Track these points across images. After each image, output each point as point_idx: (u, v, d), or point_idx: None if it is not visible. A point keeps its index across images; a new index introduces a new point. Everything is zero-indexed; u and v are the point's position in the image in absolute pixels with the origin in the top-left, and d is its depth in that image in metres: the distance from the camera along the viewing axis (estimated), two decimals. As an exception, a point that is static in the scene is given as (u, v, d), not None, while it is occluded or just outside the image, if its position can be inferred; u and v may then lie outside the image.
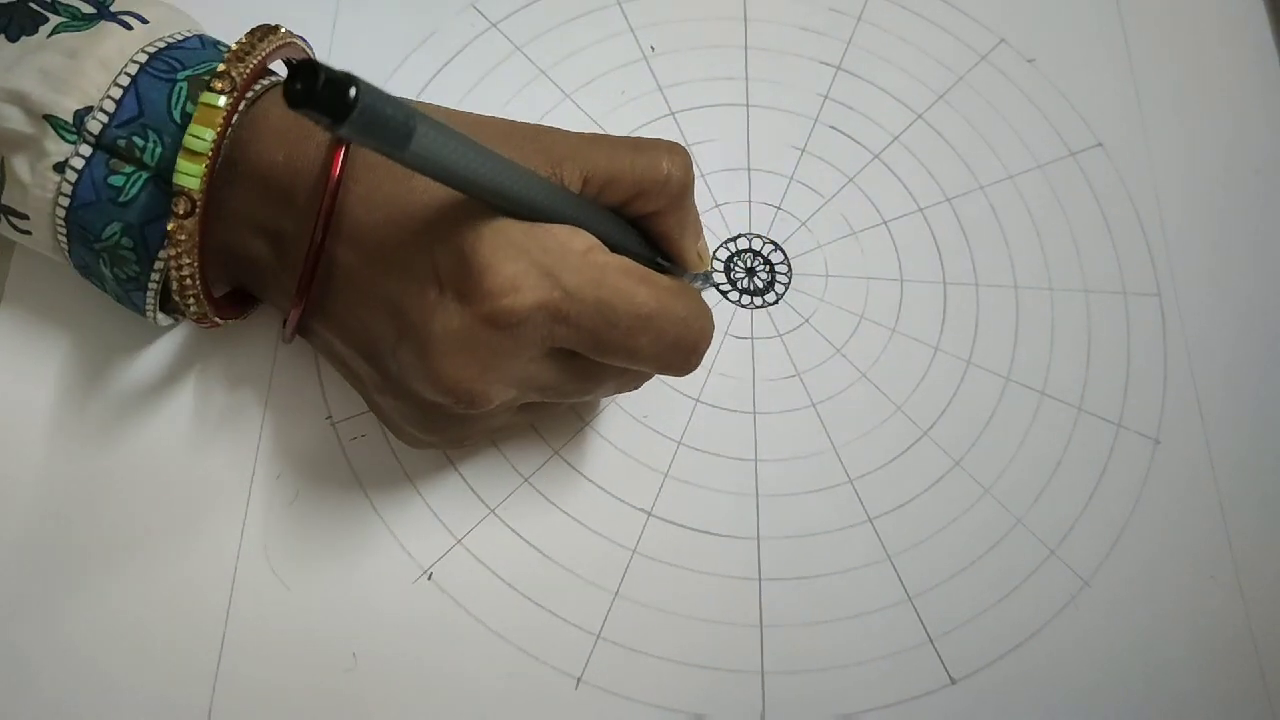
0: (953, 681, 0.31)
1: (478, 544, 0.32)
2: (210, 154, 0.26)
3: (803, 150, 0.39)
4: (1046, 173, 0.39)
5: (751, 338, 0.36)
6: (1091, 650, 0.32)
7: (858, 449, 0.34)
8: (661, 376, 0.33)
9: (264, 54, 0.27)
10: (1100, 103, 0.40)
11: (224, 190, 0.28)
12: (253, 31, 0.28)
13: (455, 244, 0.25)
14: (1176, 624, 0.33)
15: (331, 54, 0.38)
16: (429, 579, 0.31)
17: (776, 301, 0.36)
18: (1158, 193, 0.39)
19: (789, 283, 0.37)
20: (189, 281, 0.28)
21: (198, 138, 0.26)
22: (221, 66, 0.26)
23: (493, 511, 0.32)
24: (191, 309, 0.28)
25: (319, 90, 0.18)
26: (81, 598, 0.30)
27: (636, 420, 0.34)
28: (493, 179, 0.24)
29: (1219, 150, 0.40)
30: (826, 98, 0.40)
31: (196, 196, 0.26)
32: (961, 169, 0.39)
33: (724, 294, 0.36)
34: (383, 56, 0.38)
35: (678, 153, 0.28)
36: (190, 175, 0.26)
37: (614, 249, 0.28)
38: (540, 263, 0.25)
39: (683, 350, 0.27)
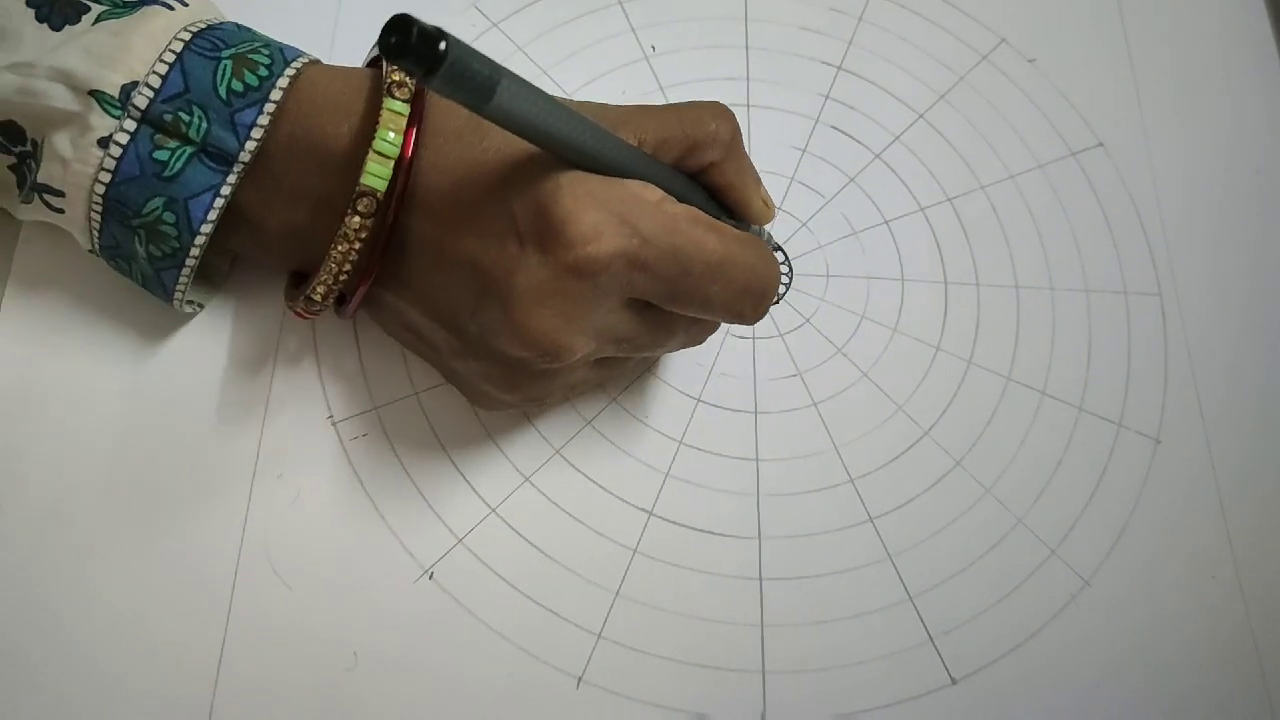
0: (953, 681, 0.32)
1: (479, 543, 0.32)
2: (398, 156, 0.27)
3: (803, 150, 0.39)
4: (1047, 173, 0.39)
5: (753, 337, 0.36)
6: (1092, 650, 0.32)
7: (859, 449, 0.34)
8: (712, 333, 0.32)
9: None
10: (1101, 103, 0.40)
11: (288, 166, 0.28)
12: None
13: (533, 196, 0.26)
14: (1176, 624, 0.33)
15: (333, 53, 0.38)
16: (430, 578, 0.31)
17: (778, 301, 0.36)
18: (1158, 193, 0.39)
19: (790, 282, 0.37)
20: (346, 276, 0.28)
21: (387, 141, 0.27)
22: (397, 76, 0.28)
23: (494, 511, 0.32)
24: (318, 302, 0.29)
25: (413, 43, 0.19)
26: (82, 597, 0.30)
27: (637, 420, 0.34)
28: (569, 132, 0.25)
29: (1219, 150, 0.40)
30: (827, 98, 0.40)
31: (380, 197, 0.27)
32: (962, 169, 0.39)
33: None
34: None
35: (721, 109, 0.30)
36: (378, 177, 0.27)
37: (683, 202, 0.28)
38: (618, 212, 0.26)
39: (752, 296, 0.28)
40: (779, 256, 0.37)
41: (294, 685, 0.30)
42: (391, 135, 0.27)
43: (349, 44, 0.38)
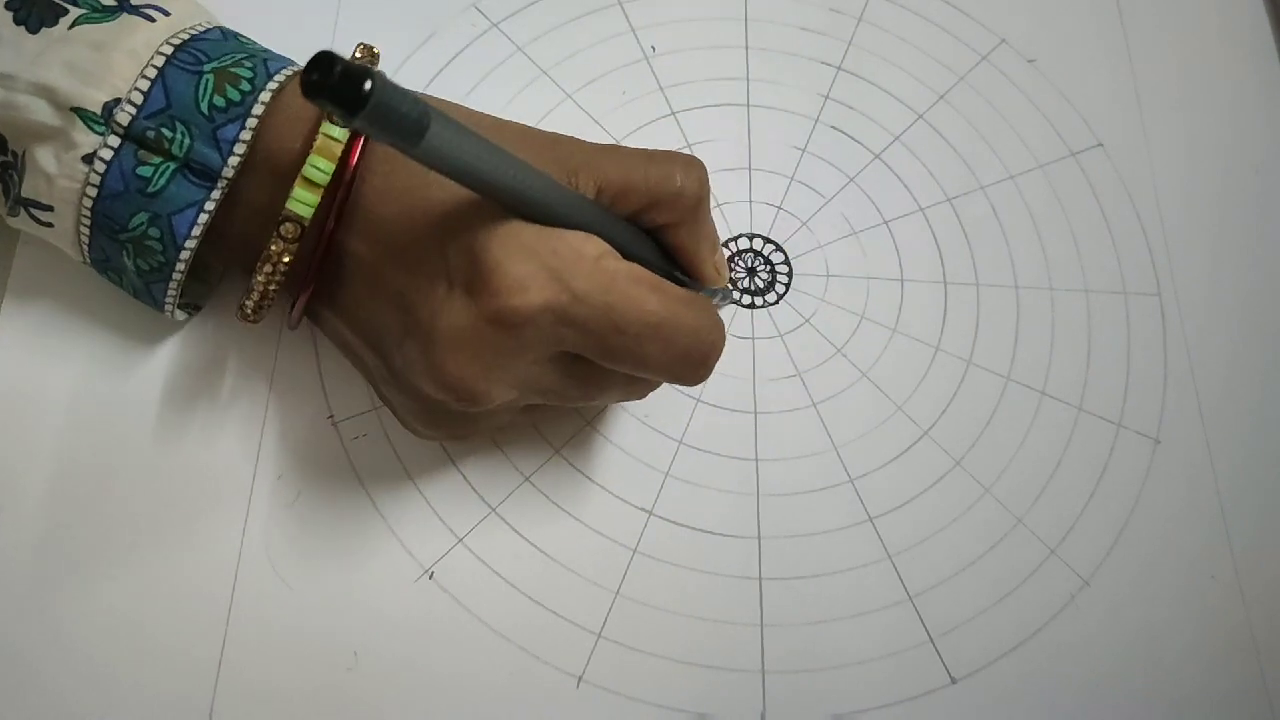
0: (953, 681, 0.32)
1: (479, 543, 0.32)
2: (327, 185, 0.27)
3: (803, 150, 0.39)
4: (1047, 173, 0.39)
5: (752, 337, 0.36)
6: (1092, 650, 0.32)
7: (858, 449, 0.34)
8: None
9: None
10: (1100, 103, 0.40)
11: (245, 179, 0.28)
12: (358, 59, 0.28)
13: (467, 241, 0.25)
14: (1176, 624, 0.33)
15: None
16: (430, 578, 0.31)
17: (777, 301, 0.36)
18: (1158, 193, 0.39)
19: (790, 283, 0.37)
20: (273, 293, 0.28)
21: (316, 169, 0.27)
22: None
23: (494, 511, 0.32)
24: (249, 314, 0.29)
25: (334, 82, 0.18)
26: (83, 597, 0.30)
27: (638, 420, 0.34)
28: (507, 180, 0.24)
29: (1219, 150, 0.40)
30: (827, 98, 0.40)
31: (306, 223, 0.27)
32: (962, 169, 0.39)
33: (743, 307, 0.36)
34: (384, 56, 0.38)
35: (693, 166, 0.28)
36: (305, 204, 0.27)
37: (629, 259, 0.27)
38: (550, 265, 0.25)
39: (692, 362, 0.27)
40: (728, 299, 0.36)
41: (294, 685, 0.30)
42: (321, 164, 0.27)
43: (350, 44, 0.38)
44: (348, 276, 0.28)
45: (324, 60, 0.18)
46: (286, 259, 0.27)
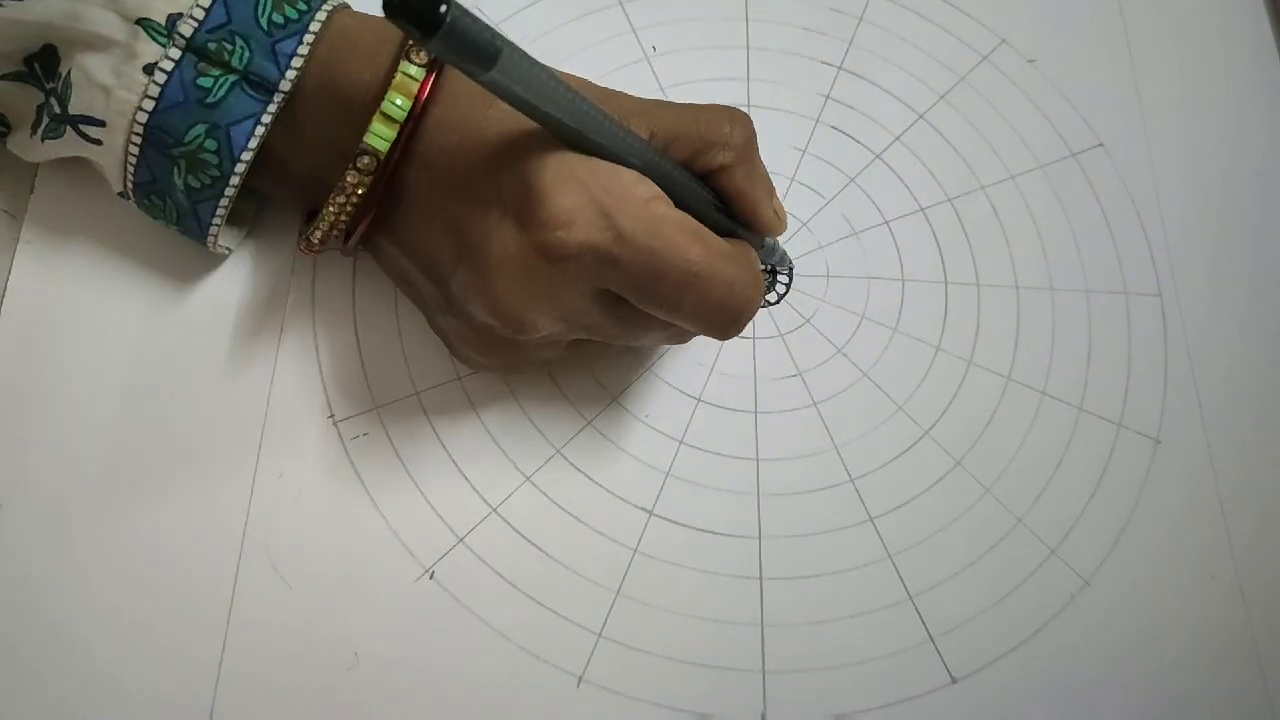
0: (954, 680, 0.32)
1: (479, 543, 0.32)
2: (404, 121, 0.27)
3: (804, 151, 0.39)
4: (1048, 173, 0.39)
5: (753, 337, 0.36)
6: (1092, 650, 0.32)
7: (859, 448, 0.34)
8: (695, 343, 0.33)
9: None
10: (1101, 103, 0.40)
11: (308, 108, 0.29)
12: None
13: (521, 171, 0.26)
14: (1176, 624, 0.33)
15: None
16: (431, 578, 0.31)
17: (778, 301, 0.36)
18: (1158, 193, 0.39)
19: (790, 282, 0.37)
20: (340, 227, 0.29)
21: (395, 105, 0.27)
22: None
23: (494, 510, 0.32)
24: (316, 244, 0.29)
25: (414, 2, 0.20)
26: (83, 597, 0.30)
27: (638, 419, 0.34)
28: (570, 113, 0.25)
29: (1219, 150, 0.40)
30: (828, 98, 0.40)
31: (382, 156, 0.27)
32: (963, 169, 0.39)
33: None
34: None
35: (738, 114, 0.29)
36: (381, 138, 0.27)
37: (682, 207, 0.28)
38: (599, 201, 0.25)
39: (726, 315, 0.27)
40: (783, 271, 0.36)
41: (295, 684, 0.30)
42: (399, 100, 0.27)
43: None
44: (406, 205, 0.29)
45: None
46: (361, 191, 0.28)
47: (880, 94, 0.40)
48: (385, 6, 0.20)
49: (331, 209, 0.28)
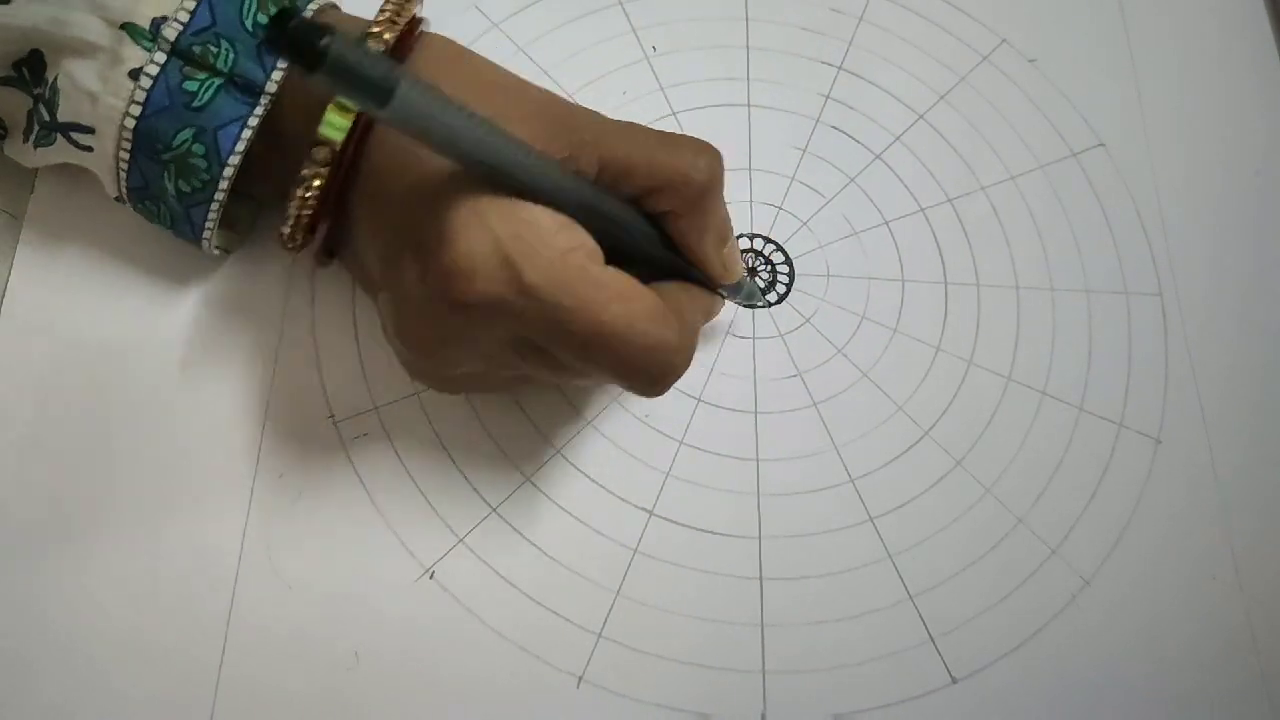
0: (954, 681, 0.32)
1: (480, 543, 0.32)
2: (358, 112, 0.27)
3: (804, 150, 0.39)
4: (1048, 173, 0.39)
5: (753, 337, 0.36)
6: (1092, 650, 0.32)
7: (859, 448, 0.34)
8: None
9: (409, 18, 0.28)
10: (1101, 103, 0.40)
11: (285, 111, 0.29)
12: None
13: (433, 208, 0.25)
14: (1177, 624, 0.33)
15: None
16: (431, 578, 0.31)
17: (778, 301, 0.36)
18: (1159, 193, 0.39)
19: (790, 283, 0.37)
20: (305, 222, 0.28)
21: None
22: (376, 28, 0.27)
23: (494, 510, 0.32)
24: (285, 241, 0.29)
25: (291, 36, 0.18)
26: (83, 598, 0.30)
27: (638, 419, 0.34)
28: (484, 152, 0.23)
29: (1219, 150, 0.40)
30: (828, 98, 0.40)
31: (338, 148, 0.27)
32: (963, 169, 0.39)
33: (743, 306, 0.36)
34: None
35: (705, 152, 0.27)
36: (336, 129, 0.27)
37: (625, 247, 0.27)
38: (506, 250, 0.24)
39: (644, 377, 0.26)
40: (752, 304, 0.36)
41: (295, 685, 0.30)
42: None
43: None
44: (354, 227, 0.29)
45: (286, 13, 0.18)
46: (317, 182, 0.27)
47: (880, 94, 0.40)
48: (265, 38, 0.18)
49: (293, 204, 0.28)
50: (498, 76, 0.29)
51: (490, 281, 0.24)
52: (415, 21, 0.29)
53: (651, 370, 0.26)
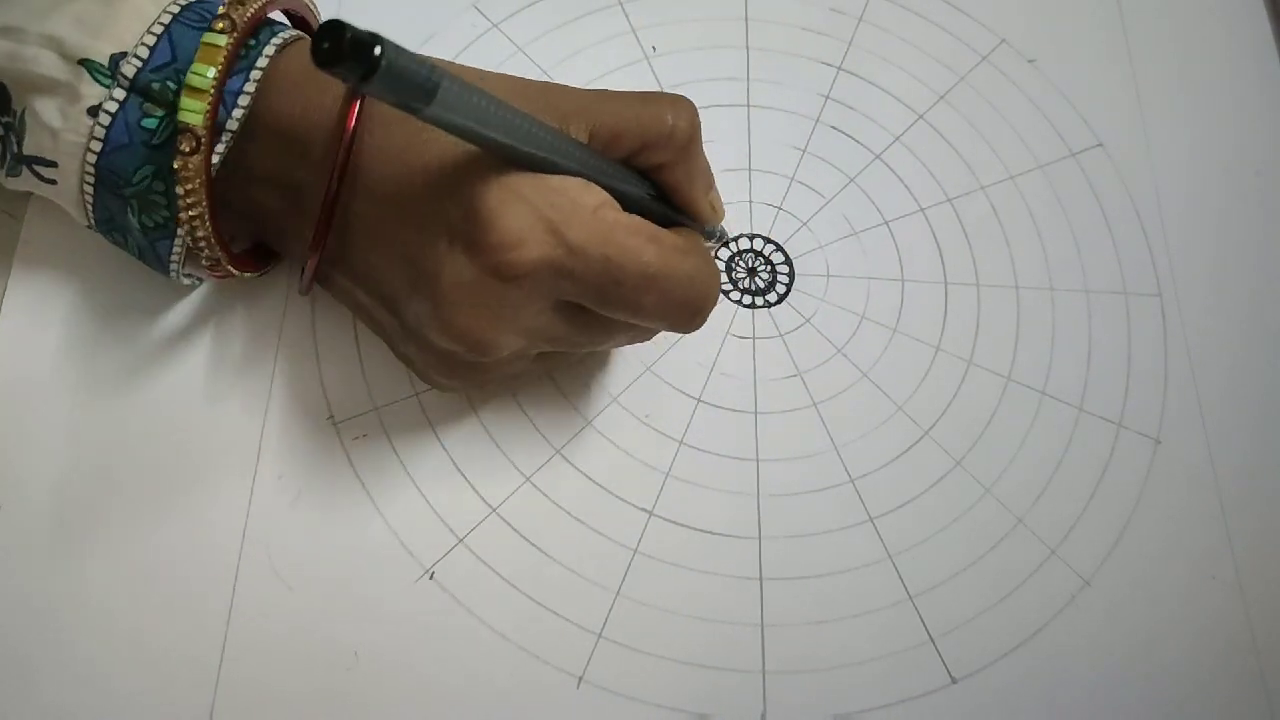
0: (954, 681, 0.32)
1: (479, 543, 0.32)
2: (212, 90, 0.26)
3: (804, 151, 0.39)
4: (1047, 173, 0.39)
5: (753, 337, 0.36)
6: (1092, 650, 0.32)
7: (859, 449, 0.34)
8: (665, 342, 0.33)
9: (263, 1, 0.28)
10: (1101, 103, 0.40)
11: (245, 145, 0.28)
12: None
13: (465, 196, 0.26)
14: (1176, 624, 0.33)
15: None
16: (431, 578, 0.31)
17: (778, 301, 0.36)
18: (1158, 193, 0.39)
19: (790, 283, 0.37)
20: (198, 223, 0.28)
21: (199, 75, 0.26)
22: (222, 9, 0.27)
23: (494, 511, 0.32)
24: (205, 254, 0.29)
25: (345, 49, 0.19)
26: (83, 599, 0.30)
27: (638, 420, 0.34)
28: (512, 134, 0.25)
29: (1219, 150, 0.40)
30: (828, 98, 0.40)
31: (201, 133, 0.27)
32: (962, 169, 0.39)
33: (744, 306, 0.36)
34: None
35: (682, 104, 0.29)
36: (193, 111, 0.26)
37: (628, 204, 0.28)
38: (547, 217, 0.25)
39: (688, 309, 0.28)
40: (724, 251, 0.37)
41: (295, 685, 0.30)
42: (203, 69, 0.26)
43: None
44: (354, 237, 0.28)
45: (333, 28, 0.19)
46: (189, 173, 0.27)
47: (880, 94, 0.40)
48: (315, 57, 0.19)
49: (180, 200, 0.27)
50: (470, 71, 0.29)
51: (541, 245, 0.25)
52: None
53: (693, 301, 0.28)
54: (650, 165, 0.29)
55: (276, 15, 0.30)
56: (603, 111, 0.28)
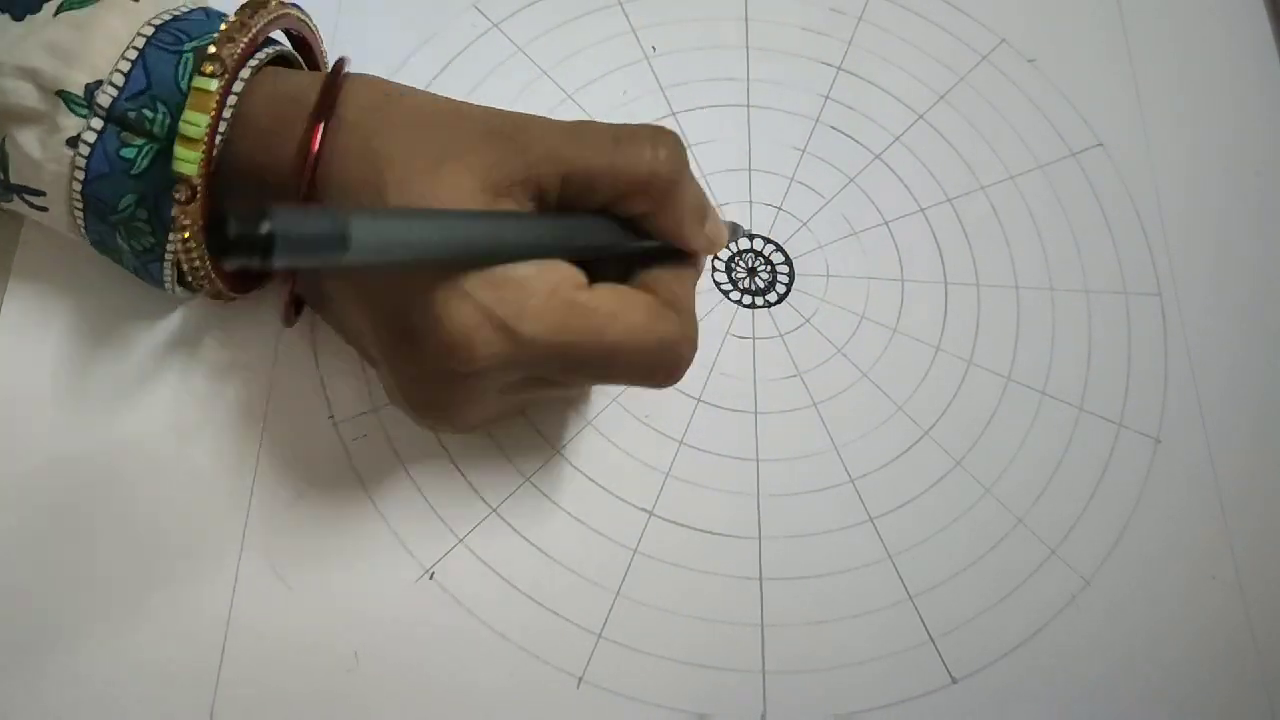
0: (954, 681, 0.32)
1: (480, 543, 0.32)
2: (206, 139, 0.26)
3: (804, 151, 0.39)
4: (1047, 173, 0.39)
5: (753, 338, 0.36)
6: (1092, 650, 0.32)
7: (859, 449, 0.34)
8: None
9: (255, 30, 0.27)
10: (1101, 103, 0.40)
11: (225, 182, 0.28)
12: (243, 8, 0.28)
13: (410, 292, 0.25)
14: (1176, 624, 0.33)
15: (333, 56, 0.38)
16: (431, 578, 0.31)
17: (778, 301, 0.36)
18: (1158, 193, 0.39)
19: (790, 283, 0.37)
20: (198, 264, 0.28)
21: (192, 124, 0.26)
22: (212, 48, 0.26)
23: (495, 511, 0.32)
24: (205, 289, 0.29)
25: (235, 240, 0.18)
26: (81, 599, 0.30)
27: (638, 420, 0.34)
28: (451, 248, 0.23)
29: (1219, 150, 0.40)
30: (827, 98, 0.40)
31: (196, 182, 0.26)
32: (962, 169, 0.39)
33: (743, 306, 0.36)
34: (384, 57, 0.38)
35: (663, 142, 0.26)
36: (188, 162, 0.26)
37: (607, 257, 0.27)
38: (494, 314, 0.24)
39: (659, 374, 0.27)
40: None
41: (295, 685, 0.30)
42: (195, 118, 0.26)
43: (350, 45, 0.38)
44: (329, 289, 0.29)
45: (219, 223, 0.18)
46: (186, 222, 0.27)
47: (880, 94, 0.40)
48: (212, 250, 0.18)
49: (171, 249, 0.28)
50: (433, 107, 0.27)
51: (488, 345, 0.24)
52: (340, 64, 0.28)
53: (664, 366, 0.27)
54: (630, 215, 0.27)
55: (276, 34, 0.30)
56: (575, 157, 0.26)
